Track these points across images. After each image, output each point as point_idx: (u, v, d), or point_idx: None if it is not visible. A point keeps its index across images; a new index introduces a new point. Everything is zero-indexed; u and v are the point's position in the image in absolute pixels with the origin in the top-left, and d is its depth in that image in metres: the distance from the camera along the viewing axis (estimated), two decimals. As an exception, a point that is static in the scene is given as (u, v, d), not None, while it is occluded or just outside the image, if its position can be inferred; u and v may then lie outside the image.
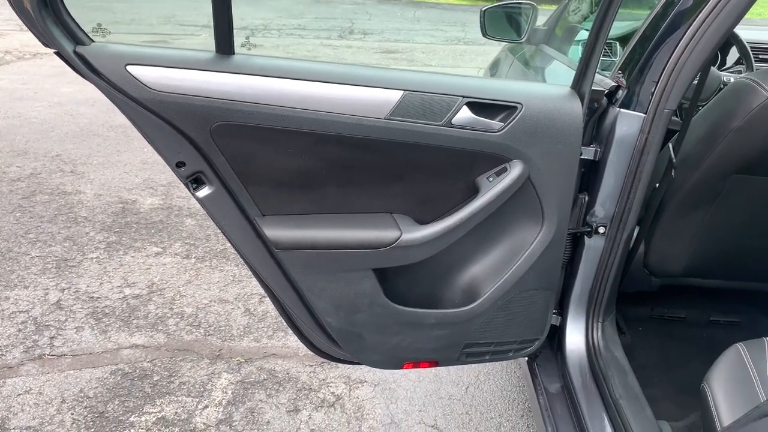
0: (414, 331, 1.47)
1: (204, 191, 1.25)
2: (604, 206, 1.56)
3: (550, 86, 1.44)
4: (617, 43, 2.51)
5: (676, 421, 1.64)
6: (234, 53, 1.18)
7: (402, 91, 1.24)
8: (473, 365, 2.35)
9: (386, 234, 1.33)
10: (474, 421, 2.10)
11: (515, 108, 1.29)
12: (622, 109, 1.48)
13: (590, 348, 1.70)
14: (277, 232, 1.29)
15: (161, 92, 1.13)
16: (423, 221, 1.39)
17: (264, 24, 11.31)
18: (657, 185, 1.67)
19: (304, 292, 1.38)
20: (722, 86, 2.14)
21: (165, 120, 1.16)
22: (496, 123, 1.29)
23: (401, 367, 1.55)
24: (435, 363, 1.57)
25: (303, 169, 1.27)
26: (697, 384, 1.95)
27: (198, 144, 1.19)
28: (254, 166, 1.25)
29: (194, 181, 1.26)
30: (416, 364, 1.56)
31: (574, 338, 1.73)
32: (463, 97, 1.27)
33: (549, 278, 1.53)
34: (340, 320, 1.42)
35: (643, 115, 1.44)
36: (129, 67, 1.12)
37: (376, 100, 1.23)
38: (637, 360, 1.87)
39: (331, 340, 1.50)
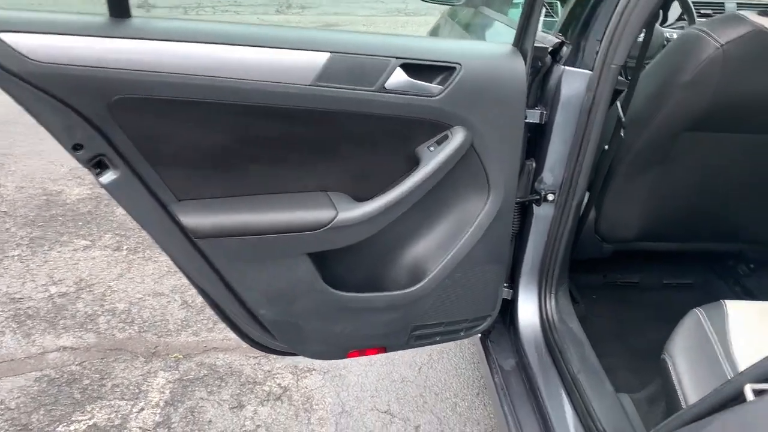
0: (357, 317, 1.36)
1: (108, 176, 1.10)
2: (552, 172, 1.48)
3: (491, 44, 1.34)
4: (558, 2, 2.43)
5: (636, 392, 1.58)
6: (130, 16, 1.03)
7: (328, 54, 1.11)
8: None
9: (320, 214, 1.21)
10: (429, 403, 2.03)
11: (454, 69, 1.18)
12: (567, 67, 1.39)
13: (544, 321, 1.63)
14: (195, 219, 1.15)
15: (45, 63, 0.97)
16: (361, 198, 1.27)
17: (197, 1, 10.89)
18: (606, 147, 1.60)
19: (232, 284, 1.25)
20: (666, 42, 2.08)
21: (52, 96, 1.00)
22: (434, 86, 1.18)
23: (346, 356, 1.45)
24: (382, 349, 1.47)
25: (220, 146, 1.14)
26: (655, 350, 1.91)
27: (95, 122, 1.04)
28: (163, 145, 1.10)
29: (97, 165, 1.10)
30: (362, 352, 1.45)
31: (527, 312, 1.66)
32: (397, 58, 1.15)
33: (499, 251, 1.44)
34: (274, 312, 1.30)
35: (590, 72, 1.36)
36: (1, 35, 0.95)
37: (299, 64, 1.10)
38: (592, 329, 1.82)
39: (268, 333, 1.38)
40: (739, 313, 1.33)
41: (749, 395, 0.73)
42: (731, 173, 1.67)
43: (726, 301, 1.37)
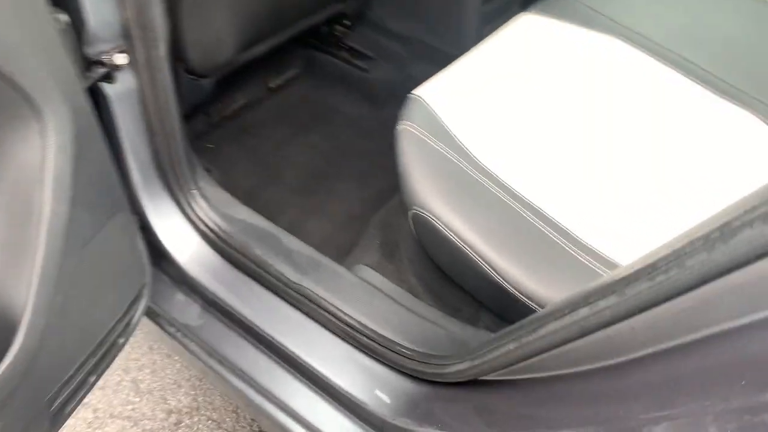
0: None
1: None
2: (103, 18, 0.87)
3: None
4: None
5: (362, 255, 1.26)
6: None
7: None
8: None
9: None
10: (103, 410, 1.43)
11: None
12: None
13: (207, 233, 1.12)
14: None
15: None
16: None
17: None
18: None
19: None
20: None
21: None
22: None
23: None
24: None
25: None
26: (314, 175, 1.60)
27: None
28: None
29: None
30: None
31: (175, 235, 1.13)
32: None
33: (108, 195, 0.85)
34: None
35: None
36: None
37: None
38: (238, 188, 1.41)
39: None
40: (436, 98, 1.05)
41: None
42: None
43: (416, 94, 1.07)
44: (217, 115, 1.64)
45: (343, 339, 0.99)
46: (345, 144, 1.67)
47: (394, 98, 1.72)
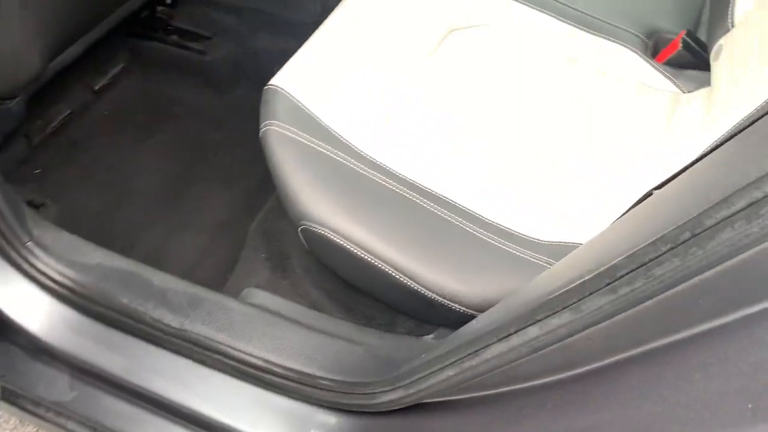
0: None
1: None
2: None
3: None
4: None
5: (250, 275, 1.11)
6: None
7: None
8: None
9: None
10: None
11: None
12: None
13: (56, 290, 0.94)
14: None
15: None
16: None
17: None
18: None
19: None
20: None
21: None
22: None
23: None
24: None
25: None
26: (179, 177, 1.41)
27: None
28: None
29: None
30: None
31: (17, 302, 0.94)
32: None
33: None
34: None
35: None
36: None
37: None
38: (78, 216, 1.23)
39: None
40: (297, 85, 0.92)
41: None
42: None
43: (274, 85, 0.93)
44: (39, 134, 1.40)
45: (249, 382, 0.87)
46: (197, 140, 1.49)
47: (240, 79, 1.57)
